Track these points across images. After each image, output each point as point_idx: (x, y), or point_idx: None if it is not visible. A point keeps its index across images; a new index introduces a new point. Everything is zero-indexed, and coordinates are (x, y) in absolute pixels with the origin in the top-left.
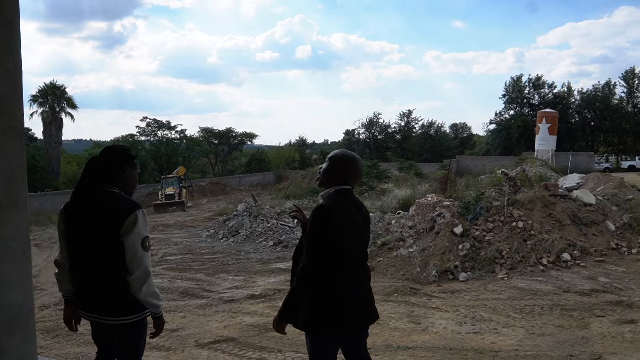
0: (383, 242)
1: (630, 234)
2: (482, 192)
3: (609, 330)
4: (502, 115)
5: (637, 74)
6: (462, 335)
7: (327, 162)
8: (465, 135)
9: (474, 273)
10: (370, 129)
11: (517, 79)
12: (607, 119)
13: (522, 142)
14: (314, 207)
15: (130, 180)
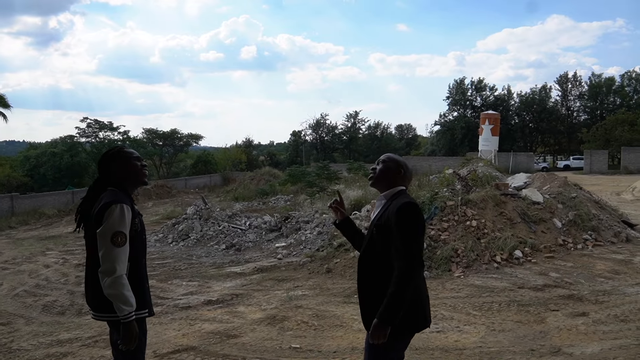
0: (339, 243)
1: (575, 230)
2: (436, 192)
3: (564, 323)
4: (447, 117)
5: (570, 78)
6: (426, 335)
7: (389, 163)
8: (411, 136)
9: (431, 272)
10: (317, 130)
11: (460, 81)
12: (544, 121)
13: (466, 143)
14: (401, 205)
15: (122, 174)
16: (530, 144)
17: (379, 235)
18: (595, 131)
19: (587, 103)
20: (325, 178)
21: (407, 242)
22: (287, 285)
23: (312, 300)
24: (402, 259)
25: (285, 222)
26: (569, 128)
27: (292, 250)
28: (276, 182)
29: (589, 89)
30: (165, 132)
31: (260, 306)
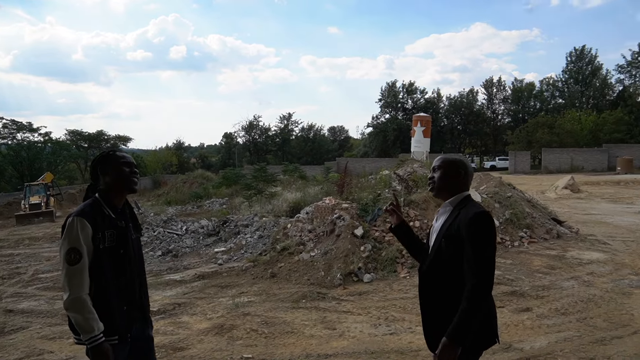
0: (283, 247)
1: (512, 228)
2: (379, 193)
3: (510, 319)
4: (379, 119)
5: (495, 83)
6: (380, 338)
7: (446, 169)
8: (343, 138)
9: (377, 274)
10: (250, 132)
11: (392, 84)
12: (472, 123)
13: (398, 145)
14: (473, 215)
15: (108, 180)
16: (458, 145)
17: (448, 246)
18: (518, 133)
19: (511, 106)
20: (262, 180)
21: (480, 256)
22: (231, 292)
23: (259, 306)
24: (475, 274)
25: (223, 226)
26: (494, 130)
27: (232, 255)
28: (210, 185)
29: (512, 93)
30: (91, 134)
31: (206, 315)
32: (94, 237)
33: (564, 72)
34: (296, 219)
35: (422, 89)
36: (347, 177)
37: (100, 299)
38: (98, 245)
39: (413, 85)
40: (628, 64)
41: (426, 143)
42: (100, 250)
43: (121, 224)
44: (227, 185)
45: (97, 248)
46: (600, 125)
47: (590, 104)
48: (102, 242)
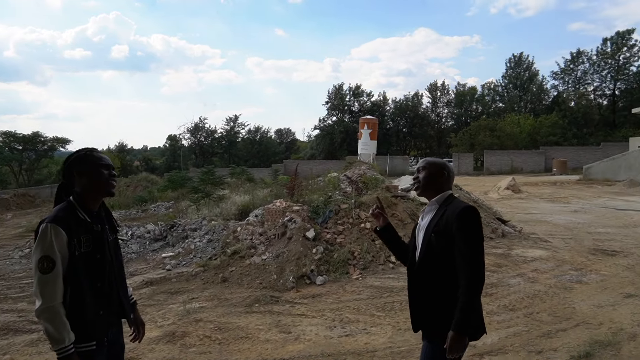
0: (234, 250)
1: None
2: (329, 195)
3: None
4: (326, 121)
5: (439, 87)
6: (335, 340)
7: (431, 169)
8: (290, 140)
9: (329, 276)
10: (195, 134)
11: (338, 87)
12: (417, 126)
13: (345, 147)
14: (461, 209)
15: (84, 183)
16: (404, 147)
17: (438, 242)
18: (461, 136)
19: (454, 110)
20: (210, 183)
21: (473, 248)
22: (181, 298)
23: (211, 312)
24: (470, 265)
25: (170, 230)
26: (438, 133)
27: (181, 260)
28: (155, 188)
29: (455, 97)
30: (26, 136)
31: (156, 323)
32: (69, 244)
33: (504, 77)
34: (246, 222)
35: (369, 92)
36: (297, 180)
37: (76, 306)
38: (73, 252)
39: (359, 88)
40: (561, 71)
41: (373, 145)
42: (75, 256)
43: (97, 228)
44: (173, 188)
45: (73, 255)
46: (538, 129)
47: (528, 108)
48: (77, 248)
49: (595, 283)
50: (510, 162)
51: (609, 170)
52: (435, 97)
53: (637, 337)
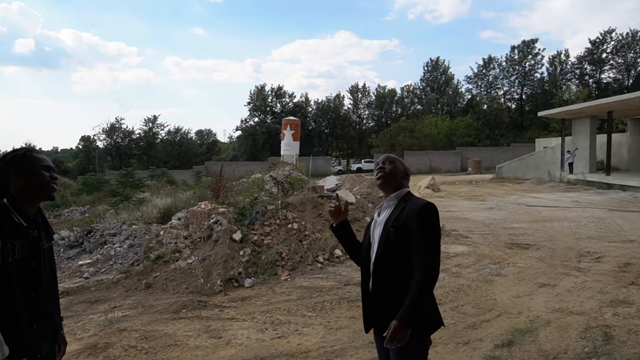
0: (157, 255)
1: None
2: (256, 196)
3: None
4: (248, 122)
5: (360, 89)
6: (267, 342)
7: (397, 164)
8: (211, 142)
9: (258, 278)
10: (112, 135)
11: (260, 88)
12: (338, 127)
13: (267, 148)
14: (422, 206)
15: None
16: (326, 148)
17: (397, 236)
18: (382, 137)
19: (375, 111)
20: (129, 186)
21: (430, 243)
22: (102, 307)
23: (136, 320)
24: (426, 260)
25: (87, 236)
26: (359, 134)
27: (100, 267)
28: (68, 192)
29: (376, 99)
30: None
31: (75, 335)
32: (2, 249)
33: (422, 80)
34: (170, 225)
35: (291, 93)
36: (222, 181)
37: (8, 318)
38: (7, 258)
39: (282, 89)
40: (475, 76)
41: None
42: (9, 263)
43: (33, 234)
44: (88, 192)
45: (6, 261)
46: (454, 130)
47: (444, 110)
48: (11, 254)
49: (512, 275)
50: (429, 162)
51: (518, 169)
52: (356, 98)
53: (551, 323)
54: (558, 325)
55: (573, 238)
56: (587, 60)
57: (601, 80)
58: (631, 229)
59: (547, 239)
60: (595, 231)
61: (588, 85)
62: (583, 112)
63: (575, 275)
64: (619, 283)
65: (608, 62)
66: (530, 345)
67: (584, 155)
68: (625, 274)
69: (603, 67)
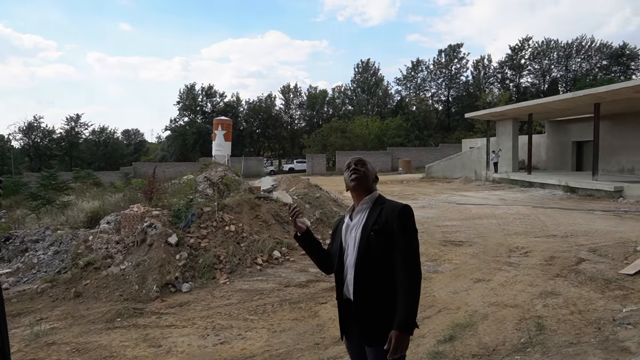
0: (87, 262)
1: (323, 227)
2: (191, 198)
3: (334, 314)
4: (177, 122)
5: (292, 89)
6: (210, 349)
7: (369, 167)
8: (139, 142)
9: (196, 282)
10: (29, 134)
11: (190, 87)
12: (270, 127)
13: (198, 148)
14: (401, 208)
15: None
16: (258, 148)
17: (378, 240)
18: (314, 137)
19: (306, 112)
20: (52, 189)
21: (412, 245)
22: (27, 320)
23: (66, 332)
24: (412, 264)
25: (5, 243)
26: (291, 134)
27: (21, 276)
28: None
29: (307, 99)
30: None
31: None
32: None
33: (353, 81)
34: (100, 229)
35: (222, 93)
36: (155, 183)
37: None
38: None
39: (212, 88)
40: (404, 78)
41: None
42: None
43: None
44: (4, 195)
45: None
46: (384, 131)
47: (375, 111)
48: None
49: (449, 272)
50: None
51: (447, 169)
52: (288, 99)
53: (488, 317)
54: (495, 318)
55: (502, 234)
56: (508, 65)
57: (520, 85)
58: (553, 225)
59: (478, 236)
60: (521, 227)
61: (509, 89)
62: (506, 114)
63: (507, 270)
64: (546, 276)
65: (526, 67)
66: (470, 339)
67: (507, 155)
68: (551, 267)
69: (522, 72)
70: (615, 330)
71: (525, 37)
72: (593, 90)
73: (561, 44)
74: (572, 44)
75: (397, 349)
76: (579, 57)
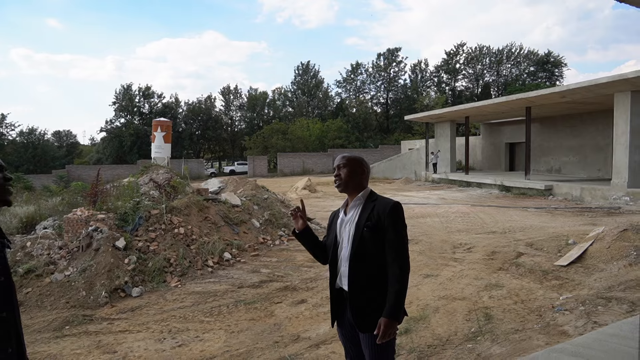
0: (27, 269)
1: (272, 228)
2: (138, 201)
3: (290, 312)
4: (113, 123)
5: (232, 90)
6: (168, 352)
7: (352, 166)
8: (71, 144)
9: (146, 286)
10: None
11: (127, 87)
12: (210, 129)
13: (135, 150)
14: (392, 205)
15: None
16: (197, 150)
17: (371, 235)
18: (255, 139)
19: (247, 113)
20: None
21: (404, 241)
22: None
23: None
24: (400, 256)
25: None
26: (232, 136)
27: None
28: None
29: (248, 101)
30: None
31: None
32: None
33: (293, 83)
34: (40, 235)
35: (160, 94)
36: (100, 186)
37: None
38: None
39: (150, 89)
40: (344, 80)
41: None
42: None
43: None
44: None
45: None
46: (325, 132)
47: (315, 113)
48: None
49: None
50: (302, 164)
51: (387, 169)
52: (228, 100)
53: (439, 310)
54: (445, 311)
55: (445, 232)
56: (444, 70)
57: (456, 88)
58: (492, 222)
59: (423, 234)
60: (462, 225)
61: (445, 92)
62: (444, 117)
63: (453, 265)
64: (489, 269)
65: (461, 72)
66: (424, 331)
67: (446, 156)
68: (493, 261)
69: (457, 76)
70: (555, 316)
71: (460, 42)
72: (525, 94)
73: (493, 50)
74: (502, 51)
75: (385, 335)
76: (509, 63)
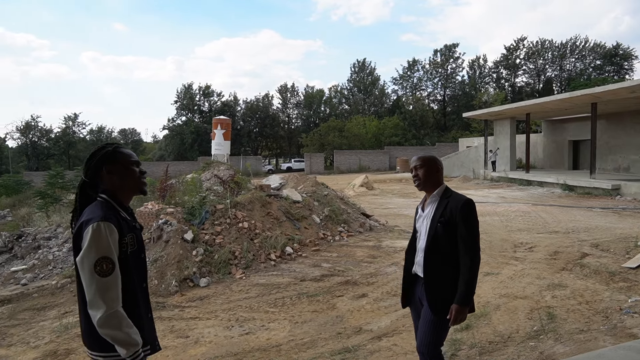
0: None
1: (331, 224)
2: (204, 196)
3: (352, 306)
4: (175, 121)
5: (289, 88)
6: (237, 339)
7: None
8: (136, 141)
9: (212, 277)
10: (27, 134)
11: (188, 86)
12: (268, 127)
13: (196, 147)
14: (464, 202)
15: (116, 182)
16: (255, 147)
17: (445, 230)
18: (312, 136)
19: (303, 111)
20: (60, 187)
21: (475, 235)
22: (52, 314)
23: None
24: (472, 250)
25: (17, 241)
26: (289, 133)
27: (38, 272)
28: None
29: (304, 99)
30: None
31: (29, 343)
32: (121, 242)
33: (349, 81)
34: None
35: (219, 92)
36: (168, 181)
37: (132, 309)
38: (125, 251)
39: (209, 88)
40: (400, 77)
41: (227, 146)
42: (127, 255)
43: (138, 226)
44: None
45: (125, 254)
46: (382, 130)
47: (371, 110)
48: (128, 246)
49: None
50: (358, 161)
51: (445, 167)
52: (285, 98)
53: (500, 307)
54: (507, 308)
55: (505, 230)
56: (503, 65)
57: (516, 84)
58: (554, 221)
59: (482, 232)
60: (523, 224)
61: (504, 89)
62: (504, 114)
63: (514, 264)
64: (552, 269)
65: (521, 67)
66: (486, 327)
67: (505, 154)
68: (556, 261)
69: (517, 71)
70: (622, 318)
71: (520, 37)
72: (590, 90)
73: (555, 44)
74: (566, 44)
75: (457, 319)
76: (573, 57)
